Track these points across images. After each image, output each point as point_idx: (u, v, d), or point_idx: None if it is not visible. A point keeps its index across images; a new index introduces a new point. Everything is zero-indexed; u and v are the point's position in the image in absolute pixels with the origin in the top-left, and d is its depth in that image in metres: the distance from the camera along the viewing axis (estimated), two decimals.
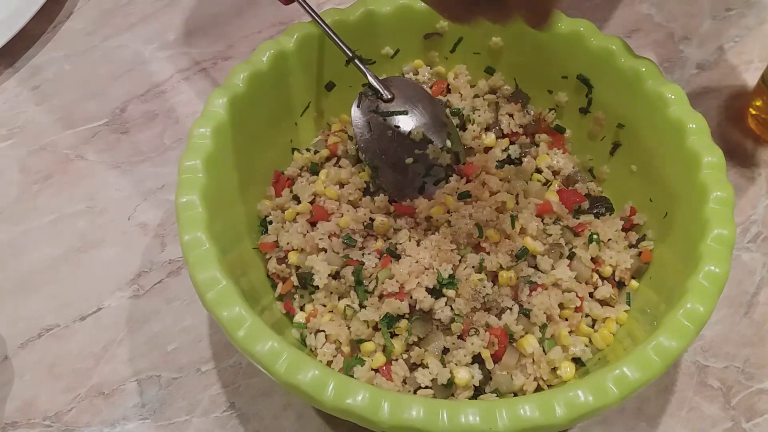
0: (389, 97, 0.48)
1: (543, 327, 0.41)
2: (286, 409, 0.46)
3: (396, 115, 0.48)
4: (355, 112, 0.47)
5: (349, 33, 0.49)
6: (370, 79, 0.47)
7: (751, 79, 0.62)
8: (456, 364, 0.40)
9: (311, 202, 0.47)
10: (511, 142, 0.51)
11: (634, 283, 0.45)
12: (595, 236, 0.45)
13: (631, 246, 0.46)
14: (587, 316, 0.43)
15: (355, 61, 0.47)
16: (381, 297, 0.42)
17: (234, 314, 0.35)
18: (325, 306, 0.44)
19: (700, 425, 0.45)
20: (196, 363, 0.48)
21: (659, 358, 0.34)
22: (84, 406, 0.47)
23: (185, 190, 0.40)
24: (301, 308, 0.45)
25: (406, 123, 0.48)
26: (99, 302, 0.51)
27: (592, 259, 0.45)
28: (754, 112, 0.59)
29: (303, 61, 0.49)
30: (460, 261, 0.43)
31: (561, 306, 0.42)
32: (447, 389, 0.39)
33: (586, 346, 0.42)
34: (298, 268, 0.45)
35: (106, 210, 0.56)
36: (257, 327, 0.35)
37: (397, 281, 0.42)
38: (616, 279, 0.45)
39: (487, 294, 0.42)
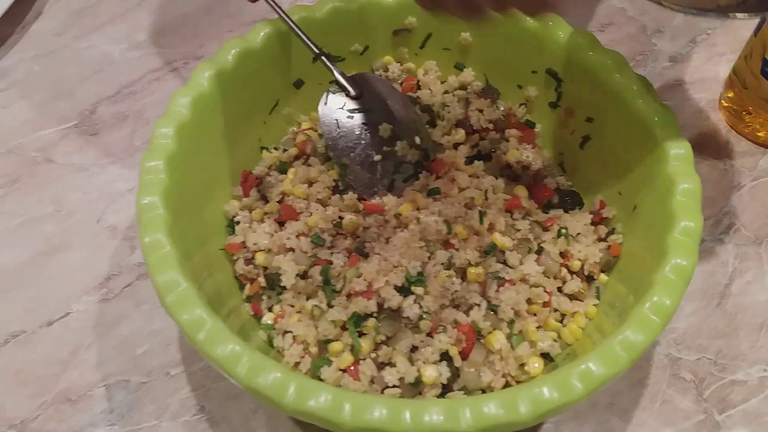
0: (356, 94, 0.47)
1: (511, 323, 0.41)
2: (256, 411, 0.45)
3: (364, 112, 0.47)
4: (323, 110, 0.47)
5: (316, 30, 0.49)
6: (337, 75, 0.47)
7: (723, 71, 0.62)
8: (424, 363, 0.39)
9: (279, 202, 0.47)
10: (481, 138, 0.50)
11: (603, 276, 0.44)
12: (563, 230, 0.44)
13: (600, 240, 0.46)
14: (556, 311, 0.43)
15: (322, 57, 0.47)
16: (349, 296, 0.42)
17: (194, 317, 0.35)
18: (293, 306, 0.43)
19: (673, 418, 0.45)
20: (165, 366, 0.47)
21: (625, 353, 0.34)
22: (50, 412, 0.46)
23: (147, 191, 0.39)
24: (270, 309, 0.44)
25: (375, 120, 0.47)
26: (67, 307, 0.50)
27: (561, 254, 0.44)
28: (726, 104, 0.59)
29: (270, 58, 0.48)
30: (429, 258, 0.43)
31: (529, 301, 0.42)
32: (415, 388, 0.39)
33: (555, 341, 0.41)
34: (265, 268, 0.44)
35: (74, 213, 0.55)
36: (217, 330, 0.34)
37: (365, 280, 0.41)
38: (586, 273, 0.45)
39: (455, 291, 0.41)
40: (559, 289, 0.44)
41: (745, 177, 0.56)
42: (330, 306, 0.42)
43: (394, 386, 0.39)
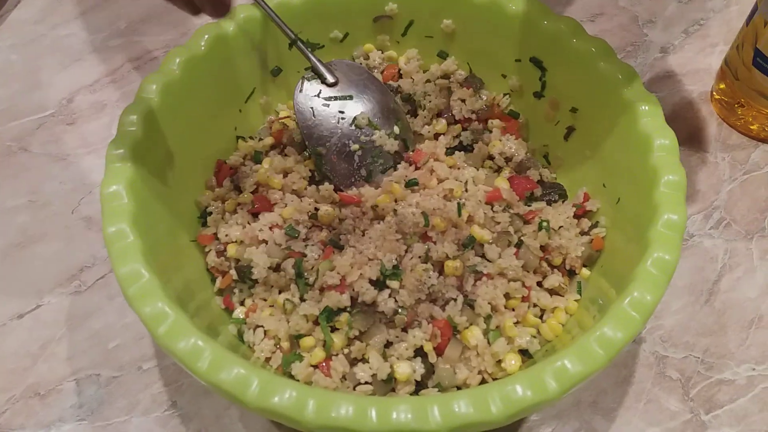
0: (333, 81, 0.46)
1: (488, 318, 0.39)
2: (229, 407, 0.44)
3: (340, 100, 0.46)
4: (298, 97, 0.46)
5: (294, 16, 0.47)
6: (313, 61, 0.45)
7: (716, 62, 0.60)
8: (398, 358, 0.38)
9: (254, 192, 0.46)
10: (463, 129, 0.49)
11: (585, 271, 0.43)
12: (544, 224, 0.43)
13: (583, 233, 0.44)
14: (535, 306, 0.42)
15: (298, 43, 0.45)
16: (322, 290, 0.40)
17: (156, 310, 0.33)
18: (265, 300, 0.42)
19: (658, 417, 0.44)
20: (137, 361, 0.46)
21: (603, 350, 0.33)
22: (18, 407, 0.44)
23: (111, 180, 0.38)
24: (241, 303, 0.43)
25: (352, 108, 0.46)
26: (38, 299, 0.49)
27: (542, 247, 0.43)
28: (717, 96, 0.58)
29: (246, 45, 0.47)
30: (405, 251, 0.42)
31: (507, 296, 0.40)
32: (387, 385, 0.37)
33: (534, 337, 0.40)
34: (237, 261, 0.43)
35: (49, 203, 0.54)
36: (179, 324, 0.33)
37: (339, 273, 0.40)
38: (567, 267, 0.43)
39: (432, 284, 0.40)
40: (539, 284, 0.42)
41: (736, 170, 0.55)
42: (302, 300, 0.40)
43: (366, 383, 0.38)
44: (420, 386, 0.38)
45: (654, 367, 0.46)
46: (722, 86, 0.57)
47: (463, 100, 0.49)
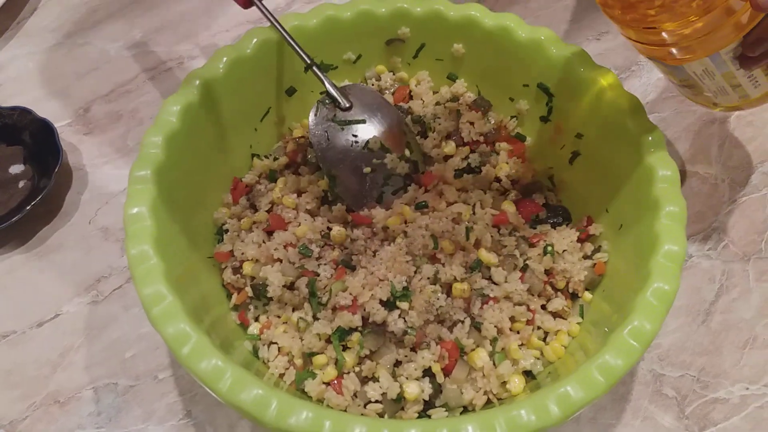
0: (347, 105, 0.47)
1: (494, 340, 0.41)
2: (242, 418, 0.46)
3: (354, 124, 0.47)
4: (313, 121, 0.47)
5: (309, 38, 0.49)
6: (328, 87, 0.47)
7: None
8: (407, 378, 0.40)
9: (268, 211, 0.47)
10: (472, 151, 0.50)
11: (587, 295, 0.45)
12: (549, 248, 0.45)
13: (585, 257, 0.46)
14: (539, 328, 0.43)
15: (314, 68, 0.47)
16: (334, 309, 0.42)
17: (178, 331, 0.35)
18: (279, 317, 0.44)
19: None
20: (153, 370, 0.48)
21: (603, 378, 0.34)
22: (39, 414, 0.46)
23: (134, 201, 0.39)
24: (256, 319, 0.44)
25: (365, 132, 0.48)
26: (57, 308, 0.51)
27: (547, 272, 0.45)
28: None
29: (262, 66, 0.48)
30: (415, 272, 0.43)
31: (512, 319, 0.42)
32: (397, 404, 0.39)
33: (537, 359, 0.42)
34: (253, 278, 0.44)
35: (66, 213, 0.55)
36: (202, 345, 0.35)
37: (351, 293, 0.41)
38: (570, 291, 0.45)
39: (440, 306, 0.41)
40: (543, 307, 0.44)
41: (735, 192, 0.57)
42: (315, 318, 0.42)
43: (376, 401, 0.39)
44: (428, 405, 0.40)
45: (651, 384, 0.48)
46: None
47: (472, 123, 0.51)
